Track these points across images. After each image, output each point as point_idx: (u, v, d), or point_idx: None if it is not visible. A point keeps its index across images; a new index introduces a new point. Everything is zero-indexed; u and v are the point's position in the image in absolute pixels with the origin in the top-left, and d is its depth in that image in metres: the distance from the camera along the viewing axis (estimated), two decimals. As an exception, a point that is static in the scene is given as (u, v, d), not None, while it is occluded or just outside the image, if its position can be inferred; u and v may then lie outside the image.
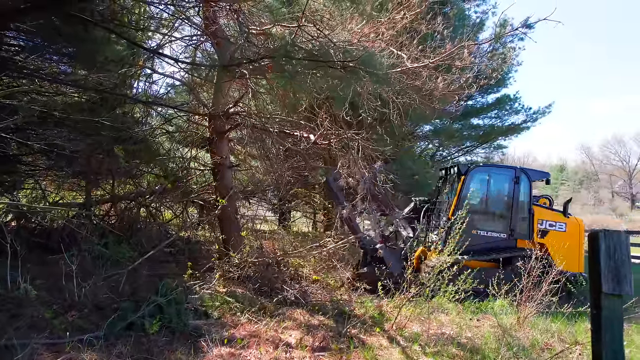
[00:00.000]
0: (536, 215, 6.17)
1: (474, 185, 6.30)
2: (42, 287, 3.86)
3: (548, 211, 6.37)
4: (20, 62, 4.49)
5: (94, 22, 4.03)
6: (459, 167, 6.50)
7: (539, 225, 6.15)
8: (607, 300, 1.64)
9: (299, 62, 4.08)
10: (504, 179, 6.37)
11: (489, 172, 6.47)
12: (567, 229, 6.14)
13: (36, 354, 2.75)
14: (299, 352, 3.40)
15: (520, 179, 6.24)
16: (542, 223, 6.17)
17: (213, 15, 5.03)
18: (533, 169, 7.10)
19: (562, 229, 6.16)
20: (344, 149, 5.43)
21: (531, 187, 6.33)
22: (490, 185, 6.36)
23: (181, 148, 7.30)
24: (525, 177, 6.29)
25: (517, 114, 12.69)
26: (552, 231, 6.14)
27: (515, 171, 6.36)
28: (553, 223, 6.18)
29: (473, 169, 6.34)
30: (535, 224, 6.13)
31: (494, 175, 6.48)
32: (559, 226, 6.18)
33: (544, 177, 6.84)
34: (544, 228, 6.16)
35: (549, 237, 6.07)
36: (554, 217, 6.26)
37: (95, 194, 6.37)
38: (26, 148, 5.08)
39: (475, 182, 6.35)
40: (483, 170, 6.44)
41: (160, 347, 3.18)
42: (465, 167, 6.40)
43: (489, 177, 6.38)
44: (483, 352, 3.68)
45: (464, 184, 6.18)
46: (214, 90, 5.91)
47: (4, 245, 3.55)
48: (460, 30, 6.51)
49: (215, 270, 4.80)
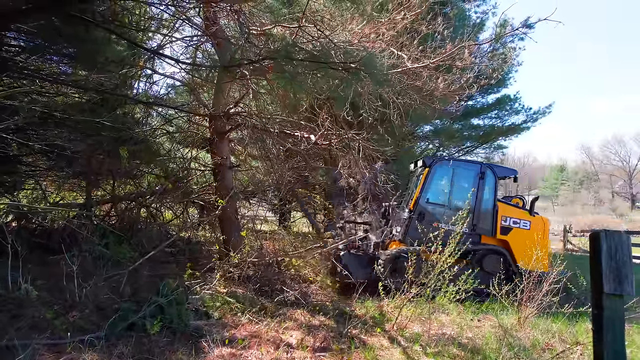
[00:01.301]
0: (500, 211, 6.12)
1: (437, 178, 6.28)
2: (43, 288, 3.86)
3: (513, 208, 6.31)
4: (21, 63, 4.49)
5: (95, 22, 4.03)
6: (423, 161, 6.48)
7: (503, 222, 6.09)
8: (609, 301, 1.64)
9: (300, 62, 4.08)
10: (469, 174, 6.31)
11: (454, 166, 6.39)
12: (532, 227, 6.09)
13: (37, 355, 2.75)
14: (300, 352, 3.40)
15: (486, 174, 6.19)
16: (505, 220, 6.11)
17: (213, 15, 5.03)
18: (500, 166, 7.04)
19: (526, 227, 6.10)
20: (345, 149, 5.43)
21: (497, 184, 6.27)
22: (454, 179, 6.30)
23: (182, 148, 7.30)
24: (491, 173, 6.24)
25: (518, 114, 12.71)
26: (515, 228, 6.09)
27: (481, 167, 6.31)
28: (517, 220, 6.12)
29: (437, 163, 6.31)
30: (498, 221, 6.10)
31: (459, 170, 6.40)
32: (523, 224, 6.12)
33: (511, 175, 6.77)
34: (508, 225, 6.10)
35: (512, 235, 6.05)
36: (519, 214, 6.20)
37: (96, 194, 6.37)
38: (27, 148, 5.08)
39: (439, 176, 6.31)
40: (447, 165, 6.37)
41: (161, 347, 3.18)
42: (430, 160, 6.38)
43: (453, 171, 6.32)
44: (484, 353, 3.68)
45: (427, 177, 6.17)
46: (215, 90, 5.91)
47: (4, 245, 3.55)
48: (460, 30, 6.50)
49: (216, 270, 4.81)
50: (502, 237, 6.03)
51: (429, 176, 6.19)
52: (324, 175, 9.00)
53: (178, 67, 6.51)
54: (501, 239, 6.06)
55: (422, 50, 5.37)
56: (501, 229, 6.06)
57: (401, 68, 5.15)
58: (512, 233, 6.07)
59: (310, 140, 5.48)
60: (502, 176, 6.61)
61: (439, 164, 6.31)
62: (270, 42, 4.56)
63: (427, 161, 6.40)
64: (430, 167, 6.24)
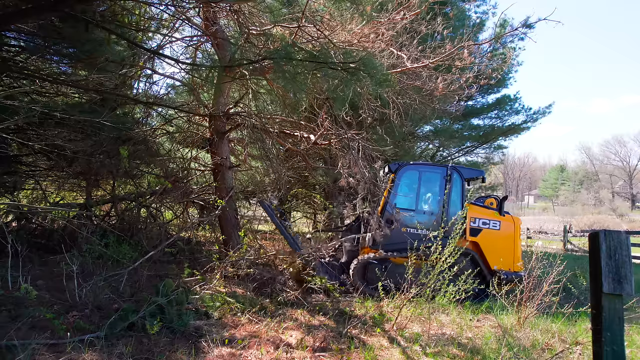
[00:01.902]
0: (469, 213, 6.04)
1: (404, 183, 6.25)
2: (42, 288, 3.87)
3: (482, 209, 6.26)
4: (21, 63, 4.50)
5: (95, 22, 4.04)
6: (389, 166, 6.43)
7: (472, 224, 6.03)
8: (608, 300, 1.64)
9: (300, 62, 4.09)
10: (435, 177, 6.27)
11: (419, 170, 6.35)
12: (502, 228, 6.06)
13: (37, 355, 2.75)
14: (299, 352, 3.40)
15: (452, 177, 6.16)
16: (475, 221, 6.05)
17: (213, 15, 5.04)
18: (466, 167, 6.99)
19: (496, 227, 6.05)
20: (345, 149, 5.43)
21: (464, 185, 6.23)
22: (421, 183, 6.26)
23: (181, 148, 7.30)
24: (458, 175, 6.20)
25: (517, 114, 12.71)
26: (485, 229, 6.04)
27: (447, 169, 6.26)
28: (487, 221, 6.07)
29: (402, 168, 6.28)
30: (467, 222, 6.01)
31: (425, 173, 6.36)
32: (493, 224, 6.06)
33: (478, 175, 6.69)
34: (477, 226, 6.04)
35: (482, 236, 6.00)
36: (488, 215, 6.16)
37: (96, 194, 6.38)
38: (27, 149, 5.09)
39: (405, 181, 6.28)
40: (413, 169, 6.33)
41: (161, 347, 3.18)
42: (395, 166, 6.33)
43: (419, 175, 6.28)
44: (483, 353, 3.68)
45: (393, 183, 6.14)
46: (214, 90, 5.92)
47: (4, 245, 3.55)
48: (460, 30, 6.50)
49: (216, 270, 4.81)
50: (472, 239, 5.96)
51: (395, 182, 6.16)
52: (323, 175, 9.00)
53: (178, 67, 6.53)
54: (471, 240, 5.99)
55: (421, 50, 5.37)
56: (471, 230, 6.00)
57: (401, 68, 5.16)
58: (482, 234, 6.01)
59: (309, 140, 5.49)
60: (469, 177, 6.58)
61: (404, 169, 6.28)
62: (269, 42, 4.57)
63: (392, 167, 6.35)
64: (395, 172, 6.21)
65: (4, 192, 5.29)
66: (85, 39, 4.35)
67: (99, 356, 2.89)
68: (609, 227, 22.89)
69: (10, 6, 3.88)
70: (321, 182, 9.58)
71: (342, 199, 9.02)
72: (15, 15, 3.69)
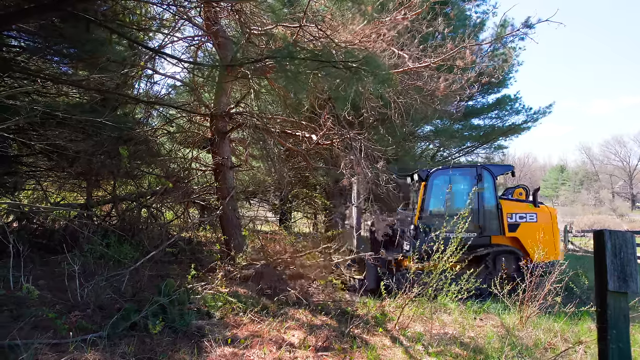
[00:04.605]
0: (505, 209, 6.11)
1: (436, 189, 6.24)
2: (44, 288, 3.87)
3: (517, 203, 6.30)
4: (22, 63, 4.50)
5: (97, 22, 4.03)
6: (419, 174, 6.44)
7: (509, 219, 6.09)
8: (613, 298, 1.64)
9: (301, 62, 4.08)
10: (466, 179, 6.32)
11: (449, 174, 6.39)
12: (539, 219, 6.09)
13: (39, 354, 2.75)
14: (302, 352, 3.39)
15: (483, 176, 6.19)
16: (511, 217, 6.11)
17: (214, 15, 5.04)
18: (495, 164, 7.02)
19: (533, 219, 6.09)
20: (346, 149, 5.43)
21: (495, 183, 6.26)
22: (452, 187, 6.26)
23: (182, 148, 7.29)
24: (488, 173, 6.24)
25: (518, 114, 12.68)
26: (523, 223, 6.09)
27: (477, 169, 6.30)
28: (523, 215, 6.11)
29: (432, 174, 6.29)
30: (504, 219, 6.08)
31: (455, 176, 6.42)
32: (530, 217, 6.11)
33: (507, 171, 6.77)
34: (514, 221, 6.10)
35: (521, 230, 6.04)
36: (523, 208, 6.19)
37: (97, 194, 6.37)
38: (28, 149, 5.08)
39: (437, 186, 6.28)
40: (443, 174, 6.36)
41: (163, 347, 3.17)
42: (425, 173, 6.34)
43: (450, 179, 6.31)
44: (486, 352, 3.67)
45: (425, 190, 6.16)
46: (216, 90, 5.91)
47: (6, 245, 3.55)
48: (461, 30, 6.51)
49: (217, 270, 4.80)
50: (511, 234, 6.02)
51: (427, 189, 6.17)
52: (324, 175, 8.99)
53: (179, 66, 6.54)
54: (511, 236, 6.04)
55: (422, 50, 5.36)
56: (509, 226, 6.06)
57: (402, 68, 5.16)
58: (520, 228, 6.05)
59: (311, 140, 5.48)
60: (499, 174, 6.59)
61: (434, 175, 6.28)
62: (271, 42, 4.57)
63: (422, 174, 6.35)
64: (426, 180, 6.21)
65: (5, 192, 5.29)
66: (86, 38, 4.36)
67: (101, 356, 2.88)
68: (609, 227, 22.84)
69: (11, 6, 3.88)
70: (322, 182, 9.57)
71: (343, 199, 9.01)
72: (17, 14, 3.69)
